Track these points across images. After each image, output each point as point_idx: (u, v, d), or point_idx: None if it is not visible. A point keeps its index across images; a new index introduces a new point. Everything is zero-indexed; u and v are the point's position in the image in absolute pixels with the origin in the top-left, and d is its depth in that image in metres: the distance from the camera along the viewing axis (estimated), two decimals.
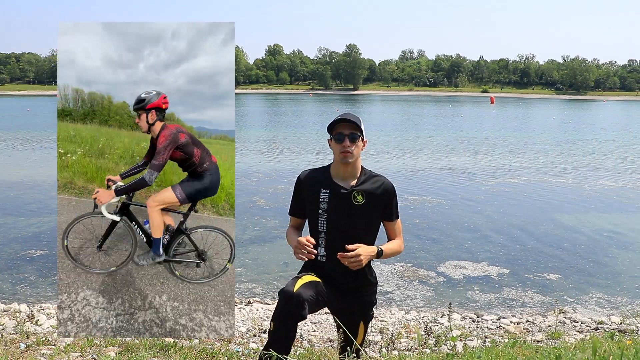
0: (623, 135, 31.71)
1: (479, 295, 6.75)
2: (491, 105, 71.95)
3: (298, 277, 2.68)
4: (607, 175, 16.18)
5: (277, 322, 2.56)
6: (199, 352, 3.57)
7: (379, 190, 2.76)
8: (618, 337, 3.98)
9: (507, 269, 7.68)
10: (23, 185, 13.40)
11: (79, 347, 3.66)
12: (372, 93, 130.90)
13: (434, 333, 4.80)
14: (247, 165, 17.13)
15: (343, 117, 2.73)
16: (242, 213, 10.51)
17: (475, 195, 12.88)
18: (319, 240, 2.77)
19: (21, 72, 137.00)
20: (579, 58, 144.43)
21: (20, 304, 5.77)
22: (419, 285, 7.06)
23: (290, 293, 2.53)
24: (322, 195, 2.75)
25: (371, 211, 2.77)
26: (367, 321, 2.97)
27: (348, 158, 2.69)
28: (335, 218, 2.74)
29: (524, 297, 6.72)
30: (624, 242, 9.22)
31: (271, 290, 6.77)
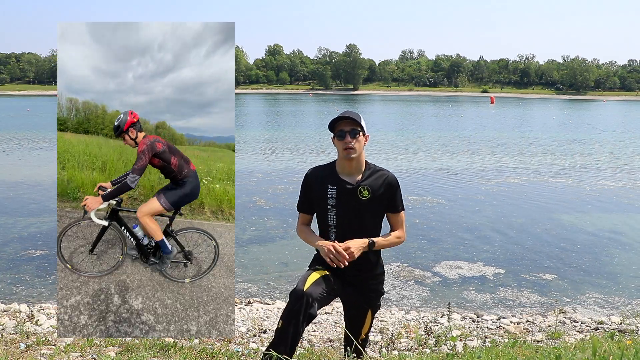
0: (623, 135, 31.71)
1: (478, 295, 6.75)
2: (491, 105, 71.95)
3: (308, 274, 2.80)
4: (606, 175, 16.18)
5: (286, 321, 2.63)
6: (199, 352, 3.57)
7: (383, 185, 2.89)
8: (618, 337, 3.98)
9: (507, 269, 7.68)
10: (23, 185, 13.40)
11: (79, 347, 3.66)
12: (372, 93, 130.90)
13: (433, 333, 4.81)
14: (247, 165, 17.13)
15: (343, 115, 2.86)
16: (242, 213, 10.52)
17: (475, 195, 12.88)
18: (330, 233, 2.92)
19: (21, 72, 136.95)
20: (579, 58, 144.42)
21: (20, 304, 5.77)
22: (418, 285, 7.06)
23: (301, 292, 2.63)
24: (329, 191, 2.89)
25: (376, 205, 2.90)
26: (374, 310, 3.12)
27: (351, 154, 2.82)
28: (343, 213, 2.88)
29: (524, 297, 6.72)
30: (624, 242, 9.22)
31: (271, 290, 6.77)
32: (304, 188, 3.00)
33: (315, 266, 2.91)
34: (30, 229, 9.26)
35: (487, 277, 7.39)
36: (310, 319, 2.65)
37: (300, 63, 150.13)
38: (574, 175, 16.09)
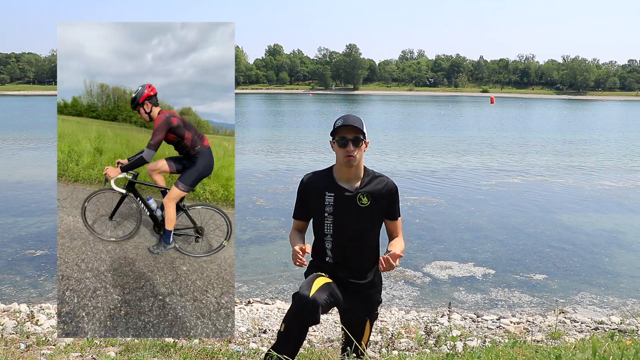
0: (623, 135, 31.71)
1: (478, 295, 6.75)
2: (491, 105, 71.90)
3: (314, 279, 2.70)
4: (606, 175, 16.17)
5: (289, 325, 2.58)
6: (199, 352, 3.57)
7: (383, 191, 2.83)
8: (618, 337, 3.98)
9: (507, 269, 7.68)
10: (23, 185, 13.40)
11: (79, 347, 3.66)
12: (372, 93, 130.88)
13: (433, 333, 4.80)
14: (247, 165, 17.13)
15: (346, 122, 2.75)
16: (242, 213, 10.51)
17: (475, 195, 12.88)
18: (326, 242, 2.84)
19: (21, 72, 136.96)
20: (579, 58, 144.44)
21: (20, 304, 5.76)
22: (419, 285, 7.06)
23: (307, 299, 2.55)
24: (327, 198, 2.81)
25: (376, 212, 2.83)
26: (372, 320, 3.04)
27: (352, 162, 2.75)
28: (341, 220, 2.80)
29: (524, 297, 6.72)
30: (624, 242, 9.22)
31: (271, 290, 6.77)
32: (300, 195, 2.92)
33: (317, 272, 2.84)
34: (30, 229, 9.26)
35: (487, 277, 7.39)
36: (314, 324, 2.60)
37: (300, 63, 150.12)
38: (574, 175, 16.09)
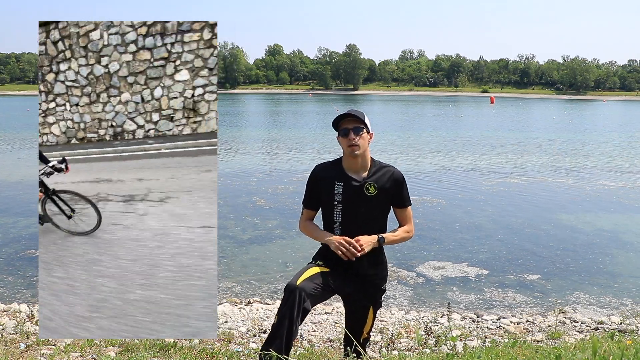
0: (623, 135, 31.72)
1: (478, 295, 6.74)
2: (491, 105, 71.91)
3: (305, 269, 2.86)
4: (606, 175, 16.18)
5: (280, 315, 2.66)
6: (199, 352, 3.57)
7: (389, 181, 2.94)
8: (618, 337, 3.98)
9: (507, 269, 7.68)
10: (23, 185, 13.40)
11: (78, 347, 3.66)
12: (372, 93, 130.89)
13: (433, 333, 4.80)
14: (247, 165, 17.13)
15: (346, 113, 2.91)
16: (242, 213, 10.52)
17: (476, 195, 12.88)
18: (335, 230, 2.95)
19: (21, 72, 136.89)
20: (579, 58, 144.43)
21: (20, 304, 5.77)
22: (418, 285, 7.06)
23: (293, 287, 2.68)
24: (336, 187, 2.92)
25: (383, 201, 2.94)
26: (376, 307, 3.13)
27: (355, 150, 2.86)
28: (350, 209, 2.92)
29: (524, 296, 6.72)
30: (624, 242, 9.22)
31: (271, 290, 6.77)
32: (310, 184, 3.04)
33: (317, 261, 2.95)
34: (30, 229, 9.26)
35: (487, 277, 7.39)
36: (305, 313, 2.68)
37: (300, 63, 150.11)
38: (574, 175, 16.09)
